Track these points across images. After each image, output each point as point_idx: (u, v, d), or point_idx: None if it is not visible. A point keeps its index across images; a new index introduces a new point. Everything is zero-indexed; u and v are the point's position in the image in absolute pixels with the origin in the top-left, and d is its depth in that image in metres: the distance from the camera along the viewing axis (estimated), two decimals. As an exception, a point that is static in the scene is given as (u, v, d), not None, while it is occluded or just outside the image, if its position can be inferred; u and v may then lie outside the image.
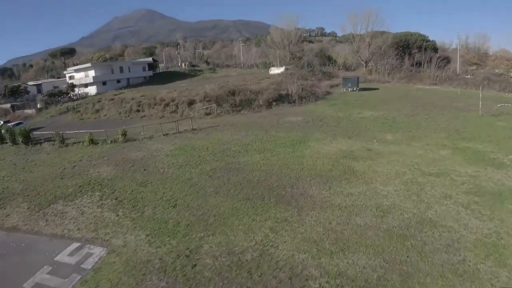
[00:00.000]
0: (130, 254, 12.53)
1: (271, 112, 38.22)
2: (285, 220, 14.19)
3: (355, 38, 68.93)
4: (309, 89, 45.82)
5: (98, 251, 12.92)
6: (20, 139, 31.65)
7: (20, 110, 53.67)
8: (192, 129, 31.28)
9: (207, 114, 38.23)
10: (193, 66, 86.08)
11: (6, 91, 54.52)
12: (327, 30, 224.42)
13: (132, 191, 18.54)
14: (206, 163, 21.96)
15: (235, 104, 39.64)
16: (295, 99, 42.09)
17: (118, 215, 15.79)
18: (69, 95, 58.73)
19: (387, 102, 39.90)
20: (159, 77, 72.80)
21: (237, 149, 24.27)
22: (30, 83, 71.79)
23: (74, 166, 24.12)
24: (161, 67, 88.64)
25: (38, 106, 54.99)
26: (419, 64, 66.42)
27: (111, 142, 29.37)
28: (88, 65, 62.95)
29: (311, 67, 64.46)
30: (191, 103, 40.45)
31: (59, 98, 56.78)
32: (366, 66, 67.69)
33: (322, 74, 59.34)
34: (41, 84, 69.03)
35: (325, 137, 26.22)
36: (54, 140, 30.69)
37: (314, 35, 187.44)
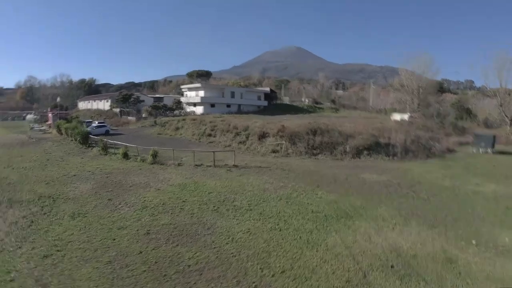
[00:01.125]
0: None
1: (355, 163, 27.32)
2: None
3: (499, 91, 50.65)
4: (423, 142, 32.44)
5: None
6: (78, 139, 31.23)
7: (125, 116, 57.98)
8: (234, 165, 23.91)
9: (274, 151, 30.34)
10: (316, 103, 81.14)
11: (119, 97, 59.82)
12: (478, 84, 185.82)
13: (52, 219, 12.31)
14: (175, 213, 14.37)
15: (313, 146, 30.50)
16: (397, 152, 29.74)
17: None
18: (174, 111, 60.85)
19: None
20: (274, 108, 69.70)
21: (240, 204, 15.50)
22: (150, 95, 79.31)
23: (74, 175, 20.97)
24: (285, 99, 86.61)
25: (143, 115, 58.25)
26: None
27: (141, 160, 24.97)
28: (199, 85, 64.54)
29: (441, 118, 49.34)
30: (263, 136, 33.43)
31: (162, 111, 59.18)
32: (510, 124, 48.45)
33: (453, 128, 44.03)
34: (161, 97, 74.82)
35: (393, 216, 14.44)
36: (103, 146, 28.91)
37: (462, 87, 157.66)
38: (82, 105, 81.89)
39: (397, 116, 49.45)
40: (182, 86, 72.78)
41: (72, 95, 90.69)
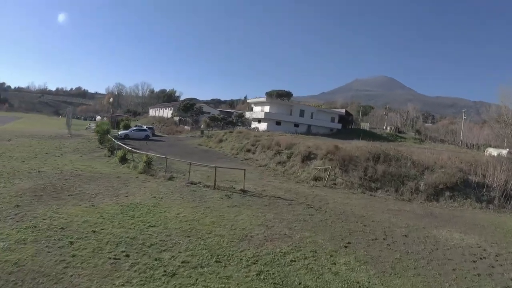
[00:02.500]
0: None
1: (428, 208, 17.22)
2: None
3: None
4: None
5: None
6: (98, 138, 28.24)
7: (182, 125, 55.77)
8: (242, 190, 16.70)
9: (316, 178, 22.12)
10: (399, 132, 69.54)
11: (181, 106, 58.35)
12: None
13: None
14: (51, 248, 7.53)
15: (371, 177, 21.39)
16: (494, 197, 18.62)
17: None
18: (235, 125, 56.85)
19: None
20: (348, 132, 60.57)
21: (166, 262, 7.97)
22: (220, 109, 77.27)
23: (38, 171, 16.92)
24: (363, 125, 76.70)
25: (202, 126, 55.27)
26: None
27: (133, 167, 19.80)
28: (264, 99, 59.11)
29: None
30: (308, 157, 25.51)
31: (221, 123, 55.52)
32: None
33: None
34: (230, 112, 72.07)
35: None
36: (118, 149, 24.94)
37: None
38: (152, 112, 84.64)
39: (493, 151, 35.96)
40: (249, 100, 68.36)
41: (151, 104, 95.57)
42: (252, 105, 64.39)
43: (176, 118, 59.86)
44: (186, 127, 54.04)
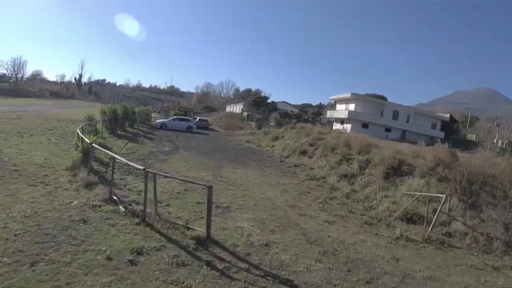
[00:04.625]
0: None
1: None
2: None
3: None
4: None
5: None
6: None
7: (248, 122, 48.30)
8: (204, 238, 7.06)
9: (410, 218, 10.72)
10: None
11: (251, 101, 51.17)
12: None
13: None
14: None
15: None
16: None
17: None
18: (309, 123, 46.65)
19: None
20: (454, 142, 44.48)
21: None
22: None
23: None
24: (469, 137, 58.07)
25: (272, 123, 46.74)
26: None
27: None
28: (349, 95, 46.85)
29: None
30: (397, 171, 14.10)
31: (294, 121, 46.07)
32: None
33: None
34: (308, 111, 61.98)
35: None
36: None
37: None
38: (228, 109, 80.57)
39: None
40: (332, 97, 56.34)
41: (235, 102, 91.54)
42: (336, 103, 52.88)
43: (245, 114, 52.94)
44: (251, 123, 46.28)
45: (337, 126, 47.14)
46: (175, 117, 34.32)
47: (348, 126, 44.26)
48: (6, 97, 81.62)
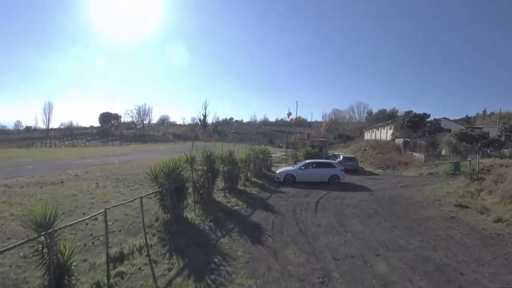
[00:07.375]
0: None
1: None
2: None
3: None
4: None
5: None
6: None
7: (409, 152, 37.20)
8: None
9: None
10: None
11: (405, 120, 40.61)
12: None
13: None
14: None
15: None
16: None
17: None
18: (498, 146, 33.68)
19: None
20: None
21: None
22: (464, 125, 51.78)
23: None
24: None
25: (443, 152, 35.49)
26: None
27: None
28: None
29: None
30: None
31: (479, 145, 33.76)
32: None
33: None
34: (480, 127, 47.23)
35: None
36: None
37: None
38: (367, 135, 68.51)
39: None
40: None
41: (378, 127, 79.08)
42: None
43: (399, 141, 41.99)
44: (415, 154, 35.60)
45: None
46: (307, 162, 23.88)
47: None
48: (124, 143, 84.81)
